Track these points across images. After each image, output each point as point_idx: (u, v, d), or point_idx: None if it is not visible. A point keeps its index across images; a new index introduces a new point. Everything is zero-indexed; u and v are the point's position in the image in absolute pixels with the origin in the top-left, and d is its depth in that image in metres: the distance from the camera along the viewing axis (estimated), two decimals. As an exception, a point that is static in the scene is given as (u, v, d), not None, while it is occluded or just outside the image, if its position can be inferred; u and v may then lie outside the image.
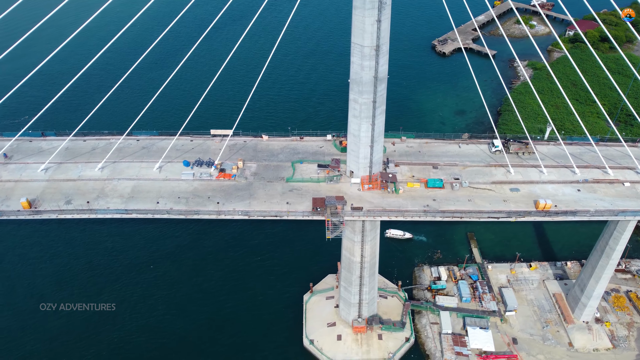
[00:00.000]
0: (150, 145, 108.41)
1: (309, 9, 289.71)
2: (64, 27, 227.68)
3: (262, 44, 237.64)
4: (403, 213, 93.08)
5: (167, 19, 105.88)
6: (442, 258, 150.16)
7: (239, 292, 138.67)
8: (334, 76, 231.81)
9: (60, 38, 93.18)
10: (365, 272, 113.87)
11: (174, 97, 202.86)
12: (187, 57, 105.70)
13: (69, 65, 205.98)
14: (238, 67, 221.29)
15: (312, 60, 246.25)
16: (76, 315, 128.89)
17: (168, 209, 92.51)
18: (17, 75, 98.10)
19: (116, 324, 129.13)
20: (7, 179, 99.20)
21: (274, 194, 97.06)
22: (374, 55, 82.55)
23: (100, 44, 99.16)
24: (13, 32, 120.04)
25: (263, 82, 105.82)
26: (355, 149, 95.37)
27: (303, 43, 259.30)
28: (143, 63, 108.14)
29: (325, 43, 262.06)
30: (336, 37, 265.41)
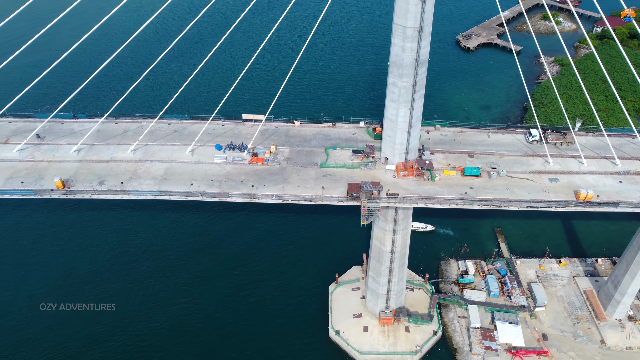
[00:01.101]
0: (182, 128, 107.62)
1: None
2: (96, 11, 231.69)
3: (300, 31, 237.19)
4: (440, 200, 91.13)
5: (203, 2, 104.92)
6: (468, 252, 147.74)
7: (264, 283, 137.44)
8: (367, 66, 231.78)
9: (92, 21, 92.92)
10: (396, 262, 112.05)
11: (206, 81, 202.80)
12: (220, 42, 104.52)
13: (101, 48, 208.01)
14: (273, 53, 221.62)
15: (346, 49, 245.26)
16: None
17: (201, 191, 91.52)
18: (49, 59, 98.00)
19: (140, 318, 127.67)
20: (40, 159, 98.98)
21: (307, 179, 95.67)
22: (417, 36, 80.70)
23: (133, 27, 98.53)
24: (45, 15, 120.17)
25: (296, 69, 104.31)
26: (391, 134, 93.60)
27: (337, 32, 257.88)
28: (175, 48, 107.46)
29: (359, 33, 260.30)
30: (371, 27, 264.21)
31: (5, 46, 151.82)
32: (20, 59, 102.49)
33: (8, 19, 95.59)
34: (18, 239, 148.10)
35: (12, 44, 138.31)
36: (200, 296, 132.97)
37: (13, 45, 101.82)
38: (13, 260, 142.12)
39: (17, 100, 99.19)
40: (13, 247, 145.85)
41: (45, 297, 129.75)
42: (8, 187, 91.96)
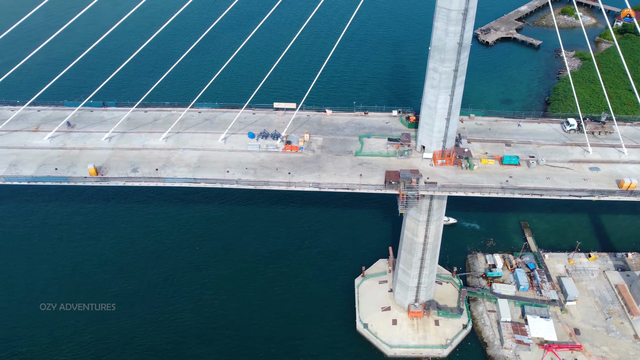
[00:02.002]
0: (213, 117, 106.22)
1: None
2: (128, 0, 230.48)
3: (332, 23, 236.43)
4: (480, 189, 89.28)
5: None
6: (495, 246, 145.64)
7: (288, 277, 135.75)
8: (395, 56, 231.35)
9: (122, 11, 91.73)
10: (428, 254, 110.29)
11: (237, 71, 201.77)
12: (252, 33, 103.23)
13: (130, 38, 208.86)
14: (304, 43, 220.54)
15: (372, 41, 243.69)
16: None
17: (236, 179, 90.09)
18: (78, 48, 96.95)
19: (166, 314, 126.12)
20: (71, 147, 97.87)
21: (343, 167, 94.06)
22: (461, 19, 78.86)
23: (164, 17, 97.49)
24: (75, 4, 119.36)
25: (324, 59, 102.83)
26: (429, 122, 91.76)
27: (366, 24, 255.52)
28: (204, 38, 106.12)
29: (385, 25, 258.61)
30: (395, 20, 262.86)
31: (34, 36, 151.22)
32: (48, 48, 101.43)
33: (38, 7, 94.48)
34: (28, 238, 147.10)
35: (40, 34, 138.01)
36: (225, 291, 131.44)
37: (42, 35, 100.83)
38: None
39: (45, 88, 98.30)
40: (21, 247, 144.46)
41: (69, 296, 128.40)
42: (41, 174, 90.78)
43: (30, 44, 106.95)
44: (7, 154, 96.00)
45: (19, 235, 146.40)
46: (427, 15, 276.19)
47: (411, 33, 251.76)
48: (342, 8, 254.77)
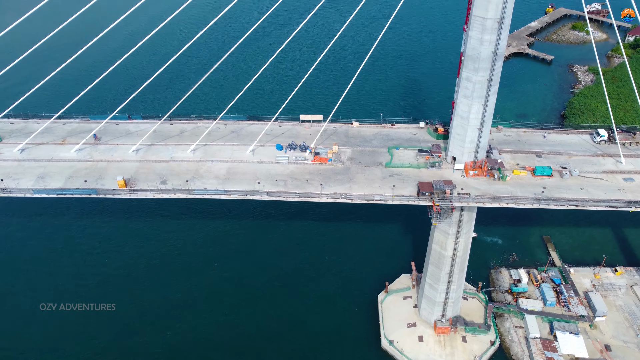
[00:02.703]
0: (239, 129, 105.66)
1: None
2: (153, 15, 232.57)
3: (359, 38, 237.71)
4: (514, 200, 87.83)
5: (263, 6, 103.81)
6: (518, 261, 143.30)
7: (309, 293, 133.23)
8: (421, 68, 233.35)
9: (148, 27, 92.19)
10: (456, 267, 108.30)
11: (263, 83, 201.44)
12: (279, 50, 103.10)
13: (154, 54, 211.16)
14: (335, 56, 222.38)
15: (398, 53, 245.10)
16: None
17: (267, 190, 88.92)
18: (103, 62, 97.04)
19: (180, 326, 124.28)
20: (99, 159, 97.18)
21: (373, 178, 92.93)
22: (496, 28, 78.49)
23: (189, 33, 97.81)
24: (103, 17, 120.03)
25: (350, 71, 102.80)
26: (461, 132, 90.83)
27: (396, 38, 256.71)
28: (235, 53, 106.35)
29: (409, 40, 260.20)
30: (426, 35, 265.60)
31: (58, 50, 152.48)
32: (73, 63, 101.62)
33: (67, 23, 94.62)
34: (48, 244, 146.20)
35: (65, 49, 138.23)
36: (243, 308, 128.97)
37: (66, 50, 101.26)
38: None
39: (73, 102, 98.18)
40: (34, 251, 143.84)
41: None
42: (69, 187, 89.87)
43: (55, 58, 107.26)
44: (35, 166, 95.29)
45: (22, 239, 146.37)
46: (450, 28, 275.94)
47: (433, 45, 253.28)
48: (370, 23, 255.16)
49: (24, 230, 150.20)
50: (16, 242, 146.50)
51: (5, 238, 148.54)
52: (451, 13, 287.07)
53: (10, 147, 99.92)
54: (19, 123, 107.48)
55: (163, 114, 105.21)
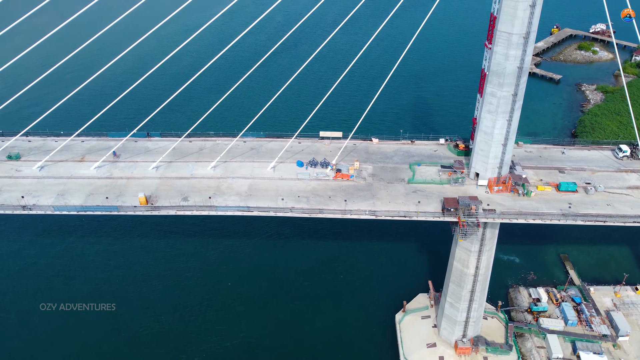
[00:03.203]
0: (258, 146, 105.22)
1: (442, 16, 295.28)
2: (174, 35, 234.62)
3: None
4: (541, 216, 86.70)
5: (287, 24, 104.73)
6: (536, 279, 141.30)
7: (324, 313, 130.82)
8: (437, 86, 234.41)
9: (166, 47, 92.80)
10: (478, 286, 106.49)
11: (282, 101, 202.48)
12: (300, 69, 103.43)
13: (173, 72, 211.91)
14: (354, 74, 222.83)
15: (414, 70, 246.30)
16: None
17: (290, 207, 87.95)
18: (120, 80, 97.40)
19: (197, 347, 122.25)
20: (118, 176, 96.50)
21: (396, 194, 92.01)
22: (522, 43, 78.51)
23: (208, 53, 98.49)
24: (120, 36, 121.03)
25: (369, 88, 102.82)
26: (485, 148, 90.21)
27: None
28: (252, 72, 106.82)
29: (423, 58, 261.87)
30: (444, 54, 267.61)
31: (75, 69, 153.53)
32: (92, 82, 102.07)
33: (89, 41, 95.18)
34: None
35: (81, 67, 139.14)
36: (257, 328, 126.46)
37: (84, 69, 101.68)
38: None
39: (93, 120, 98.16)
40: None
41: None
42: (90, 204, 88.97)
43: (73, 77, 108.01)
44: (54, 184, 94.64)
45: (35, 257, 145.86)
46: (463, 46, 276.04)
47: (447, 63, 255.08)
48: (385, 42, 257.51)
49: (36, 248, 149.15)
50: (28, 260, 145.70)
51: (17, 253, 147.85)
52: (467, 31, 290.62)
53: (29, 165, 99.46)
54: (37, 141, 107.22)
55: (181, 131, 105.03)
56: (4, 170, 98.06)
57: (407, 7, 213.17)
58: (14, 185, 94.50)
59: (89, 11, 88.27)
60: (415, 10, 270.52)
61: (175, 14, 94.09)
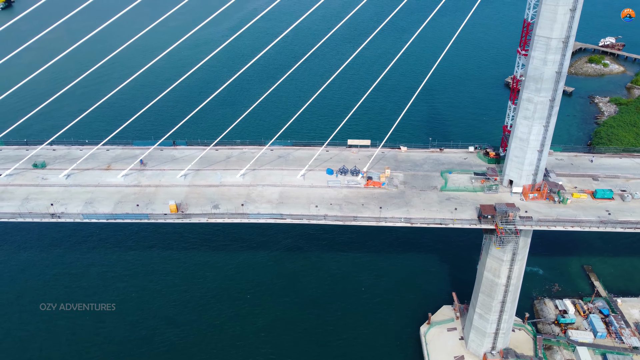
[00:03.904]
0: (286, 154, 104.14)
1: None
2: (203, 43, 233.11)
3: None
4: (579, 223, 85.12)
5: (322, 31, 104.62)
6: (561, 291, 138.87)
7: (347, 326, 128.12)
8: (457, 95, 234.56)
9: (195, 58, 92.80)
10: (509, 296, 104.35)
11: (309, 110, 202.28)
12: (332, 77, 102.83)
13: (201, 82, 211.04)
14: (386, 83, 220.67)
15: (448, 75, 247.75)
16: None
17: (323, 214, 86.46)
18: (146, 90, 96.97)
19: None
20: (146, 184, 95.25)
21: (430, 202, 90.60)
22: (561, 48, 77.79)
23: (235, 63, 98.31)
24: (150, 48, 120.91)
25: (395, 96, 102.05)
26: (520, 154, 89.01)
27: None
28: (288, 79, 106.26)
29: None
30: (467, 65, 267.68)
31: (100, 80, 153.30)
32: (118, 91, 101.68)
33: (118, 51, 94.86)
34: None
35: (104, 79, 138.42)
36: (279, 344, 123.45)
37: (107, 80, 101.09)
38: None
39: (111, 126, 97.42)
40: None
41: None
42: (119, 211, 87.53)
43: (96, 88, 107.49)
44: (81, 192, 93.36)
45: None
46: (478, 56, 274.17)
47: (468, 73, 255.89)
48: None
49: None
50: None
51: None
52: (494, 40, 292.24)
53: (55, 173, 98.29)
54: (61, 149, 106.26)
55: (206, 140, 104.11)
56: (30, 178, 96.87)
57: (436, 19, 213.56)
58: (40, 193, 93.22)
59: (115, 22, 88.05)
60: (446, 19, 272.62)
61: (204, 24, 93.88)
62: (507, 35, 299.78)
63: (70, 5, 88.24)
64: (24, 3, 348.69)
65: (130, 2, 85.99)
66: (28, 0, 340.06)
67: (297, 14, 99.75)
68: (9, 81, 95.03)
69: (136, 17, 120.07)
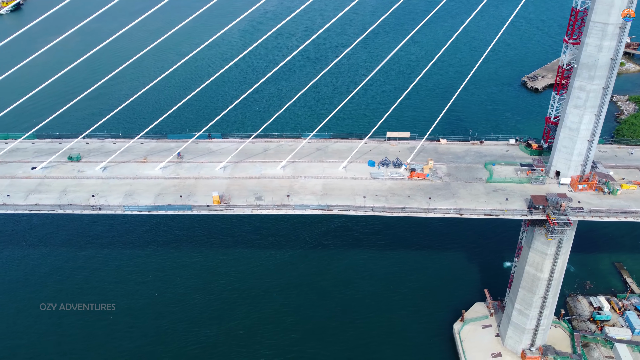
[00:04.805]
0: (324, 147, 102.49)
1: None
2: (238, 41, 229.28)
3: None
4: (633, 214, 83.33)
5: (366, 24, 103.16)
6: (594, 288, 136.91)
7: (377, 323, 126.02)
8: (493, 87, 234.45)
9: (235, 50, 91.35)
10: (551, 291, 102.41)
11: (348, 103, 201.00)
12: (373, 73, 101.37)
13: (240, 75, 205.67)
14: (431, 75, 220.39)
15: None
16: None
17: (370, 205, 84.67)
18: (185, 83, 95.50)
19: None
20: (185, 176, 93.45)
21: (477, 193, 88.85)
22: (617, 34, 76.31)
23: (280, 55, 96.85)
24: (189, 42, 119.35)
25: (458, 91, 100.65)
26: (569, 144, 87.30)
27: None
28: (330, 72, 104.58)
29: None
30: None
31: (137, 74, 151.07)
32: (155, 85, 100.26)
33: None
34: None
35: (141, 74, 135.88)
36: (309, 343, 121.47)
37: (143, 74, 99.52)
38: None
39: (145, 120, 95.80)
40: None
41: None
42: (160, 203, 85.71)
43: (134, 81, 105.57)
44: (120, 184, 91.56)
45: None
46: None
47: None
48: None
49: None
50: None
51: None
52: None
53: (91, 166, 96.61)
54: (95, 143, 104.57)
55: (241, 133, 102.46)
56: (66, 171, 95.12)
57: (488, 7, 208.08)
58: (78, 185, 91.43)
59: (151, 15, 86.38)
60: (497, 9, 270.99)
61: (241, 18, 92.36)
62: (522, 34, 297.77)
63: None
64: (33, 6, 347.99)
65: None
66: (37, 3, 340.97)
67: (342, 5, 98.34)
68: (42, 77, 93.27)
69: (172, 9, 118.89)
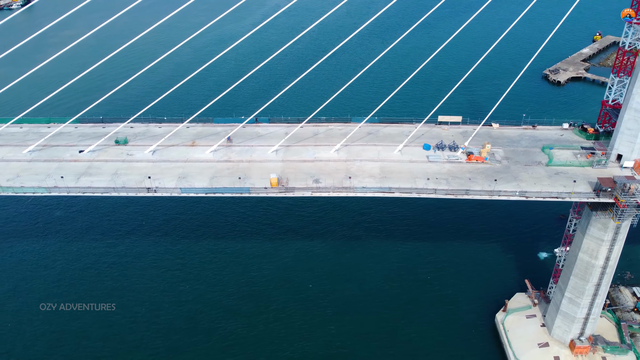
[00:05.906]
0: (375, 131, 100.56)
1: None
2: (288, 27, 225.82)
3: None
4: None
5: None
6: (634, 279, 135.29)
7: (417, 315, 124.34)
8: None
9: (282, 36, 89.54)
10: (605, 278, 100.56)
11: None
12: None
13: (292, 59, 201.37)
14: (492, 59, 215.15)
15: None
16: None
17: (432, 188, 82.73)
18: (234, 70, 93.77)
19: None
20: (238, 160, 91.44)
21: (539, 177, 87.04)
22: (693, 9, 74.25)
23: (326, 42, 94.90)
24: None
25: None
26: (634, 127, 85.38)
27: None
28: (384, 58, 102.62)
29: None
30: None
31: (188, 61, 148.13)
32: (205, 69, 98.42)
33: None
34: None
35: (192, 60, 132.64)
36: (348, 334, 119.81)
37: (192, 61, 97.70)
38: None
39: (192, 104, 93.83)
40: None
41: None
42: (216, 185, 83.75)
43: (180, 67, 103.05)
44: (172, 167, 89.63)
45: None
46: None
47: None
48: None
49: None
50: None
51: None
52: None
53: (138, 149, 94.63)
54: (139, 127, 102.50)
55: (289, 117, 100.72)
56: (114, 154, 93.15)
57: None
58: (129, 168, 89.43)
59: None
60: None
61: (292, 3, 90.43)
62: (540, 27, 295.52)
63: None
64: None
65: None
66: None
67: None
68: (86, 61, 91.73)
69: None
